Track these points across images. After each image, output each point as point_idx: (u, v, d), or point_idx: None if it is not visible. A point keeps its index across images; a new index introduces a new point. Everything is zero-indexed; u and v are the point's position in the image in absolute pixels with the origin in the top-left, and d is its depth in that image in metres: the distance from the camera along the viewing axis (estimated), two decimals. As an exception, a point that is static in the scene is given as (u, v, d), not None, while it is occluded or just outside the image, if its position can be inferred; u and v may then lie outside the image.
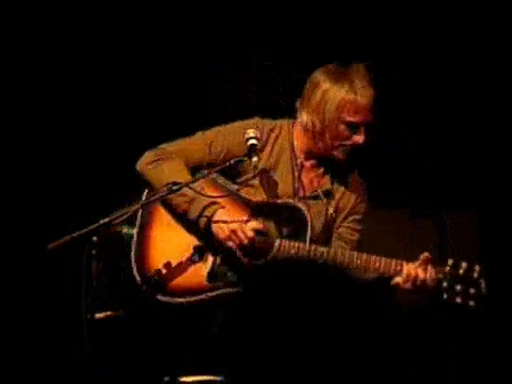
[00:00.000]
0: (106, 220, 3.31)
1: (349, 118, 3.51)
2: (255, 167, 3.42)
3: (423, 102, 4.66)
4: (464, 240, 4.52)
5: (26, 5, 4.60)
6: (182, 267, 3.50)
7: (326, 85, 3.53)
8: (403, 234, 4.55)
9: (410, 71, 4.63)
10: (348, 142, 3.55)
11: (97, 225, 3.27)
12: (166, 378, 3.38)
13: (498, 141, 4.60)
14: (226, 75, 4.78)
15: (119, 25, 4.65)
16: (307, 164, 3.65)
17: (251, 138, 3.43)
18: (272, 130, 3.63)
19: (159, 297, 3.46)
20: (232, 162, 3.40)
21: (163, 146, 3.61)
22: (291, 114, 3.66)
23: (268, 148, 3.62)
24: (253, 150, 3.41)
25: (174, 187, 3.39)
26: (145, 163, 3.58)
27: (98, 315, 3.38)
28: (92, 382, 3.28)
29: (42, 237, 3.25)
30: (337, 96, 3.50)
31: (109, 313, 3.47)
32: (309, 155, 3.64)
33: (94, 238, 3.40)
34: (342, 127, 3.53)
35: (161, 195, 3.40)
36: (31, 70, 4.64)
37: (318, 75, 3.57)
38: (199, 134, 3.64)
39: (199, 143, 3.61)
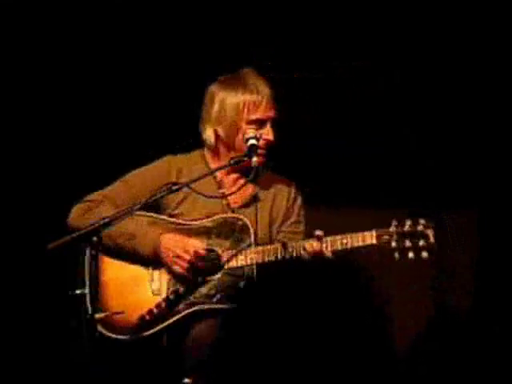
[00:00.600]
0: (107, 220, 3.31)
1: (251, 117, 3.52)
2: (256, 168, 3.44)
3: (423, 102, 4.65)
4: (464, 240, 4.52)
5: (25, 5, 4.60)
6: (141, 302, 3.50)
7: (221, 93, 3.56)
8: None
9: (410, 71, 4.63)
10: (260, 143, 3.53)
11: (97, 225, 3.28)
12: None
13: (497, 141, 4.60)
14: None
15: (118, 25, 4.65)
16: (229, 179, 3.64)
17: (251, 137, 3.45)
18: (185, 163, 3.63)
19: (126, 338, 3.49)
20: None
21: (88, 196, 3.60)
22: (291, 113, 3.67)
23: (184, 176, 3.59)
24: (253, 150, 3.44)
25: (174, 187, 3.41)
26: (75, 218, 3.56)
27: (98, 315, 3.38)
28: (92, 381, 3.28)
29: (42, 237, 3.26)
30: (234, 100, 3.52)
31: (109, 313, 3.46)
32: (228, 171, 3.62)
33: (94, 238, 3.41)
34: (247, 129, 3.52)
35: (161, 195, 3.42)
36: (31, 71, 4.63)
37: (212, 87, 3.61)
38: (117, 181, 3.64)
39: (121, 187, 3.62)
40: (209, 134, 3.59)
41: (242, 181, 3.63)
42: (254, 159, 3.42)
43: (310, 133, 4.60)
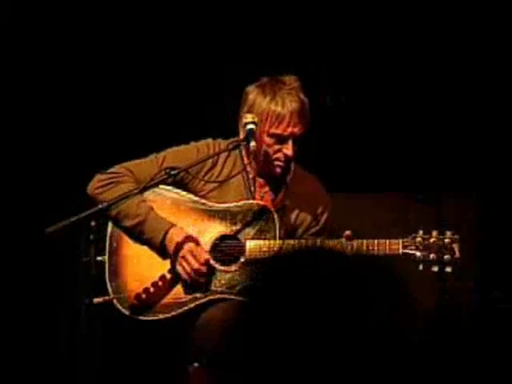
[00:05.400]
0: (105, 204, 3.31)
1: (272, 130, 3.43)
2: (253, 152, 3.41)
3: (421, 87, 4.65)
4: (462, 227, 4.51)
5: (25, 5, 4.63)
6: (159, 283, 3.45)
7: (251, 97, 3.46)
8: (400, 219, 4.53)
9: (409, 58, 4.64)
10: (280, 156, 3.46)
11: (96, 209, 3.28)
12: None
13: (495, 125, 4.60)
14: (226, 76, 4.79)
15: (121, 25, 4.68)
16: (260, 181, 3.57)
17: (250, 122, 3.39)
18: (223, 149, 3.52)
19: (142, 317, 3.45)
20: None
21: (113, 168, 3.50)
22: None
23: (219, 166, 3.53)
24: (251, 135, 3.40)
25: (173, 172, 3.38)
26: (95, 188, 3.47)
27: (97, 300, 3.37)
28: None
29: (41, 221, 3.26)
30: (259, 108, 3.42)
31: (107, 297, 3.45)
32: (258, 173, 3.55)
33: (93, 223, 3.40)
34: (269, 140, 3.44)
35: (160, 180, 3.39)
36: (32, 69, 4.66)
37: (249, 88, 3.50)
38: (152, 155, 3.55)
39: (150, 163, 3.51)
40: (240, 136, 3.49)
41: (271, 187, 3.56)
42: (252, 144, 3.38)
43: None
